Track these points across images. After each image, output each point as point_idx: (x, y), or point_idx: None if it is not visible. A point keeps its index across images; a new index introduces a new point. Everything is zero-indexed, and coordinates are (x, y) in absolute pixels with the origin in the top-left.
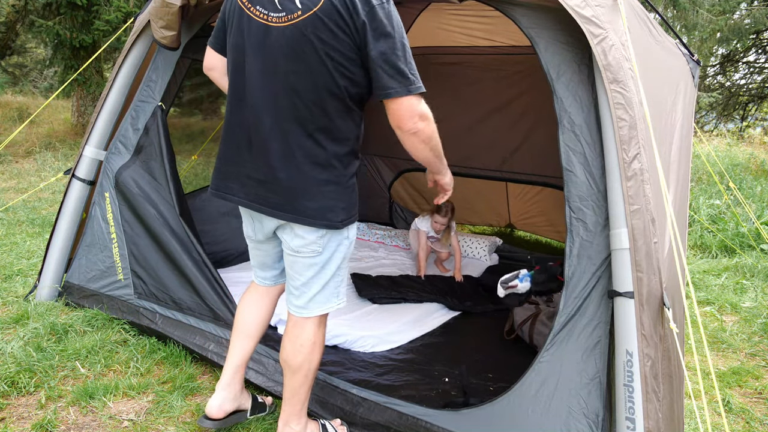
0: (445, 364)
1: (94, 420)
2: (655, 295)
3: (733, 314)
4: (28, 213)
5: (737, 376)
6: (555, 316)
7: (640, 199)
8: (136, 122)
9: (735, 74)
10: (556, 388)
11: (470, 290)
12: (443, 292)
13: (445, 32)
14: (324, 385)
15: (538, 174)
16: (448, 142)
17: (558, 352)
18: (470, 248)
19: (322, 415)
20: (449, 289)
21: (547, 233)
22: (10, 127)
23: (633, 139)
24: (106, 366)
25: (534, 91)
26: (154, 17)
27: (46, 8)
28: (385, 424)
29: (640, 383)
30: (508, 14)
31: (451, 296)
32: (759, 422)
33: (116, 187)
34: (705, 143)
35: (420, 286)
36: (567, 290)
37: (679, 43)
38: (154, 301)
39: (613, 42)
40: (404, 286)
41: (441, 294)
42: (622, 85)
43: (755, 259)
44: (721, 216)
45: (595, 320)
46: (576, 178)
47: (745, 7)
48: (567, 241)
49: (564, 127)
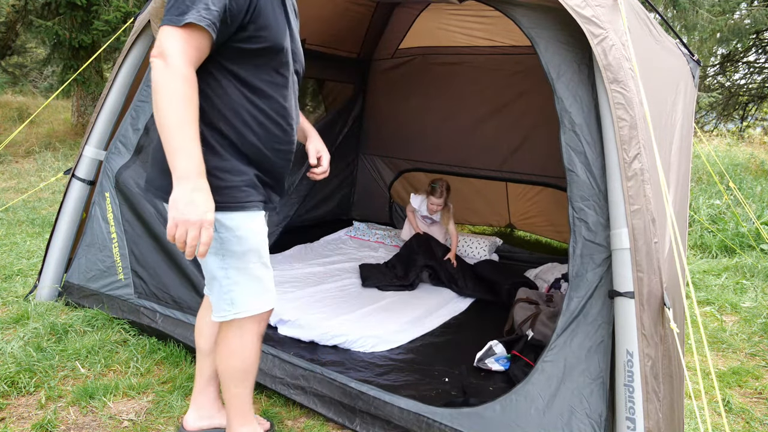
0: (445, 364)
1: (94, 420)
2: (656, 295)
3: (733, 314)
4: (28, 213)
5: (737, 376)
6: (555, 317)
7: (640, 199)
8: (136, 122)
9: (735, 74)
10: (559, 388)
11: (470, 275)
12: (448, 279)
13: (445, 32)
14: (322, 378)
15: (538, 174)
16: (448, 142)
17: (561, 352)
18: (470, 248)
19: (322, 411)
20: (449, 276)
21: (547, 233)
22: (10, 127)
23: (633, 139)
24: (106, 366)
25: (534, 91)
26: (154, 17)
27: (46, 8)
28: (386, 418)
29: (640, 383)
30: (508, 14)
31: (451, 281)
32: (759, 422)
33: (116, 187)
34: (705, 143)
35: (421, 260)
36: (570, 290)
37: (679, 43)
38: (155, 301)
39: (613, 42)
40: (406, 265)
41: (445, 279)
42: (623, 85)
43: (755, 259)
44: (721, 216)
45: (598, 320)
46: (578, 178)
47: (745, 7)
48: (570, 241)
49: (565, 127)
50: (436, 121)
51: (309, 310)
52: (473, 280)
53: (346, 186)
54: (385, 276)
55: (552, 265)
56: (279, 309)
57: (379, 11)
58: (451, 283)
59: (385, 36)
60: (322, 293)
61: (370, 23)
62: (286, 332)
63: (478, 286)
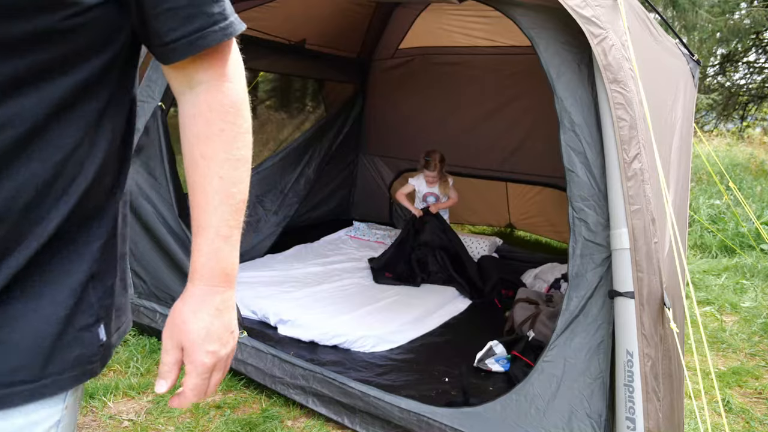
0: (445, 364)
1: (94, 420)
2: (656, 295)
3: (733, 314)
4: None
5: (737, 376)
6: (555, 317)
7: (640, 199)
8: (136, 122)
9: (735, 74)
10: (559, 388)
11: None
12: (457, 272)
13: (445, 32)
14: (322, 378)
15: (538, 174)
16: (448, 142)
17: (561, 352)
18: (470, 248)
19: (322, 411)
20: (460, 268)
21: (547, 233)
22: None
23: (633, 139)
24: (106, 366)
25: (534, 91)
26: None
27: None
28: (386, 418)
29: (640, 383)
30: (508, 14)
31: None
32: (759, 422)
33: None
34: (705, 143)
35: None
36: (570, 290)
37: (679, 43)
38: (155, 300)
39: (613, 42)
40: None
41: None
42: (622, 85)
43: (755, 259)
44: (721, 216)
45: (598, 320)
46: (578, 178)
47: (745, 8)
48: (570, 241)
49: (565, 127)
50: (436, 121)
51: (309, 310)
52: (456, 270)
53: (346, 186)
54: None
55: (552, 265)
56: (279, 309)
57: (379, 11)
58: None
59: (385, 36)
60: (322, 293)
61: (370, 23)
62: (286, 332)
63: (461, 277)
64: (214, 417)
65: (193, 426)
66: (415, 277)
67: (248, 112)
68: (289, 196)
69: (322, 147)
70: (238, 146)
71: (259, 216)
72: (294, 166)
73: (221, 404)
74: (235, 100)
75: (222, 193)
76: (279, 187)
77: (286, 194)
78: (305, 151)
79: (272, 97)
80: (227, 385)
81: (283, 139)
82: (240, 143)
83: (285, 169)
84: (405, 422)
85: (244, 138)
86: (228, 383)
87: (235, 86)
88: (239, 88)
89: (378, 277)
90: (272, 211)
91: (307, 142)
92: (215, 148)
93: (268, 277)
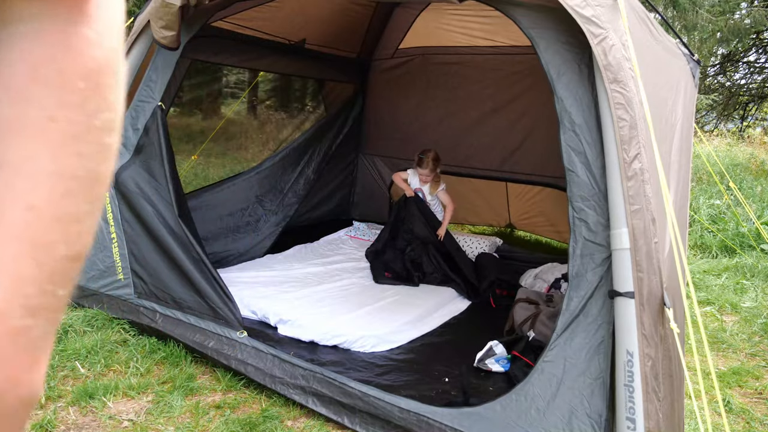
0: (445, 364)
1: (94, 420)
2: (656, 295)
3: (733, 314)
4: None
5: (737, 376)
6: (555, 317)
7: (640, 199)
8: (136, 122)
9: (735, 74)
10: (559, 388)
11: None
12: (454, 271)
13: (445, 32)
14: (322, 378)
15: (538, 174)
16: (448, 142)
17: (561, 352)
18: (470, 248)
19: (322, 411)
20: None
21: (547, 233)
22: None
23: (633, 139)
24: (106, 366)
25: (534, 91)
26: (154, 17)
27: None
28: (386, 418)
29: (640, 383)
30: (508, 14)
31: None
32: (759, 422)
33: (116, 187)
34: (705, 143)
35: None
36: (570, 290)
37: (679, 43)
38: (155, 301)
39: (613, 42)
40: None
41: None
42: (623, 85)
43: (755, 259)
44: (721, 216)
45: (598, 320)
46: (578, 178)
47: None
48: (570, 240)
49: (565, 127)
50: (436, 120)
51: (309, 310)
52: (452, 269)
53: (345, 186)
54: (392, 270)
55: (552, 265)
56: (279, 309)
57: (379, 11)
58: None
59: (385, 36)
60: (322, 293)
61: (370, 23)
62: (286, 332)
63: (458, 276)
64: (214, 417)
65: (192, 426)
66: (413, 276)
67: (118, 91)
68: (288, 196)
69: (322, 147)
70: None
71: (259, 216)
72: (294, 166)
73: (221, 404)
74: (94, 67)
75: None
76: (279, 187)
77: (285, 194)
78: (305, 151)
79: (272, 97)
80: (227, 385)
81: (283, 139)
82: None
83: (285, 169)
84: (405, 422)
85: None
86: (228, 383)
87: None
88: (106, 44)
89: (378, 277)
90: (272, 211)
91: (307, 142)
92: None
93: (268, 277)
